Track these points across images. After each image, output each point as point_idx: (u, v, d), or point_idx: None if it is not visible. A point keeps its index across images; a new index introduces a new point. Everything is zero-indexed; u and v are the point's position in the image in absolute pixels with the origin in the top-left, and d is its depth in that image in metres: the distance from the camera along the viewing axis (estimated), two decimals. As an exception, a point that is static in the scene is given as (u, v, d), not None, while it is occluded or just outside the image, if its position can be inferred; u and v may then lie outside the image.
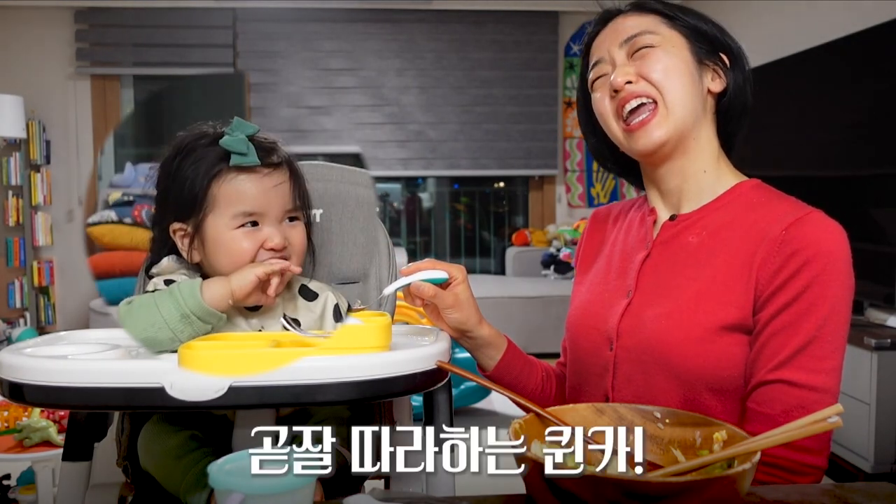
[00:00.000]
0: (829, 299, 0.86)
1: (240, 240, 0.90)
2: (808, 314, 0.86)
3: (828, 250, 0.87)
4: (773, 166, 3.23)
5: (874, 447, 2.35)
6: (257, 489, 0.60)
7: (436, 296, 0.97)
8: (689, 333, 0.91)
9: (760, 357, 0.88)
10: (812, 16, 3.28)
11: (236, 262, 0.89)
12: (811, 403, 0.85)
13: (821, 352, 0.86)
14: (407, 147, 4.87)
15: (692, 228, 0.98)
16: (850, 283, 0.88)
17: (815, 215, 0.90)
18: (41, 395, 0.74)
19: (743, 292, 0.89)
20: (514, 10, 4.80)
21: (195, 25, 4.65)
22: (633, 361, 0.96)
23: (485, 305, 1.06)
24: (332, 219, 1.09)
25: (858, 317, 2.67)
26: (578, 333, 1.06)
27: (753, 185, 1.00)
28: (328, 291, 1.01)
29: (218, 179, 0.90)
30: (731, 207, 0.97)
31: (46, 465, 1.95)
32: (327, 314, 0.98)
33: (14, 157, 4.38)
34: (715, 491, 0.61)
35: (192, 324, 0.83)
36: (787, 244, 0.88)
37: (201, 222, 0.91)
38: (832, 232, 0.89)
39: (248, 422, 0.97)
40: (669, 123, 0.94)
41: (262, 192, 0.90)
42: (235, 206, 0.90)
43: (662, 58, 0.94)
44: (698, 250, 0.95)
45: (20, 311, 4.48)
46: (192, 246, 0.93)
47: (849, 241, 0.89)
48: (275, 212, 0.91)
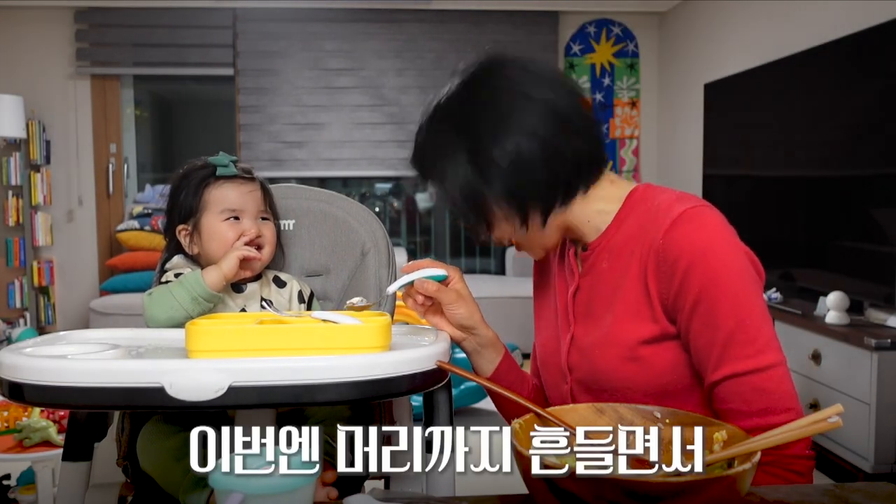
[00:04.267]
0: (725, 289, 0.88)
1: (226, 230, 1.17)
2: (716, 311, 0.88)
3: (702, 248, 0.89)
4: (773, 166, 3.23)
5: (874, 447, 2.35)
6: (257, 489, 0.60)
7: (439, 290, 0.98)
8: (618, 355, 0.95)
9: (700, 362, 0.91)
10: (812, 16, 3.28)
11: (224, 246, 1.16)
12: (763, 382, 0.88)
13: (745, 336, 0.88)
14: (407, 147, 4.79)
15: (602, 255, 1.00)
16: (736, 264, 0.90)
17: (684, 215, 0.91)
18: (41, 395, 0.74)
19: (650, 305, 0.93)
20: (514, 10, 4.80)
21: (195, 25, 4.65)
22: (585, 391, 1.00)
23: (485, 305, 1.07)
24: (301, 227, 1.33)
25: (858, 317, 2.67)
26: (543, 369, 1.11)
27: (643, 189, 1.00)
28: (294, 280, 1.26)
29: (208, 187, 1.19)
30: (626, 224, 0.98)
31: (46, 465, 1.95)
32: (293, 297, 1.23)
33: (14, 157, 4.38)
34: (715, 491, 0.61)
35: (199, 304, 1.08)
36: (667, 253, 0.91)
37: (198, 220, 1.19)
38: (701, 227, 0.90)
39: (248, 422, 0.97)
40: (542, 252, 1.04)
41: (240, 195, 1.19)
42: (221, 204, 1.18)
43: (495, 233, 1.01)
44: (610, 275, 0.98)
45: (20, 311, 4.48)
46: (192, 241, 1.20)
47: (723, 225, 0.91)
48: (251, 210, 1.19)
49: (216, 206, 1.17)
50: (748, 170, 3.48)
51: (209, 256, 1.18)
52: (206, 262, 1.18)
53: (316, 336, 0.79)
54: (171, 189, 1.23)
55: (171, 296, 1.08)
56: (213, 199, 1.18)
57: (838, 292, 2.62)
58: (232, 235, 1.16)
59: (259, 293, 1.20)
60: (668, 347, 0.93)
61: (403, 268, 1.02)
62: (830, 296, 2.63)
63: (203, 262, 1.20)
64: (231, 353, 0.77)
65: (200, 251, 1.19)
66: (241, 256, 1.13)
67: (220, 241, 1.16)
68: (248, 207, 1.18)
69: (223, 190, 1.18)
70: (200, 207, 1.18)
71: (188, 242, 1.20)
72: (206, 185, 1.18)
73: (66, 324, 4.63)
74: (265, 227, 1.20)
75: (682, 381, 0.94)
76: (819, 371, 2.63)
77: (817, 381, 2.64)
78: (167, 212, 1.23)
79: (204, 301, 1.09)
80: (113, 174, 4.69)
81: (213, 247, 1.17)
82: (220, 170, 1.19)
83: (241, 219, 1.18)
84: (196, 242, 1.19)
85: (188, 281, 1.09)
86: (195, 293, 1.08)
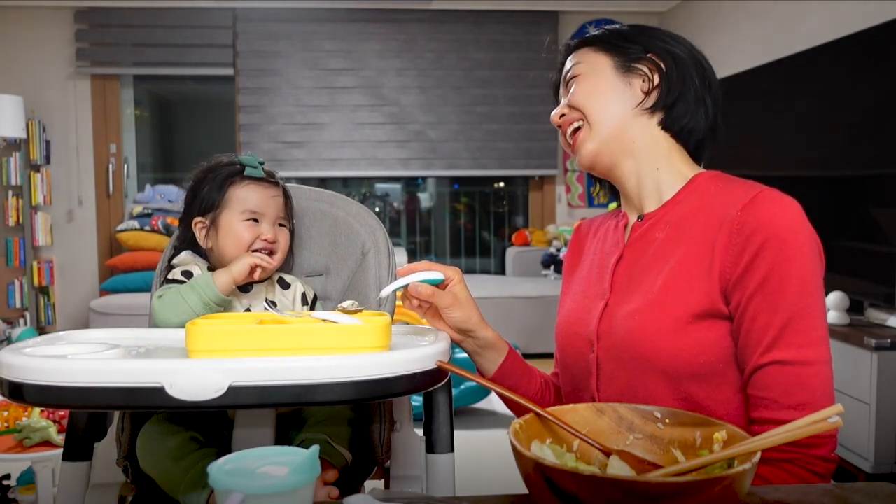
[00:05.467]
0: (797, 273, 0.88)
1: (244, 230, 1.17)
2: (782, 292, 0.88)
3: (782, 226, 0.89)
4: (773, 166, 3.23)
5: (874, 447, 2.35)
6: (257, 489, 0.60)
7: (434, 295, 0.97)
8: (661, 325, 0.93)
9: (749, 343, 0.90)
10: (811, 16, 3.28)
11: (239, 246, 1.17)
12: (808, 377, 0.87)
13: (804, 325, 0.88)
14: (407, 147, 4.87)
15: (658, 225, 1.01)
16: (812, 253, 0.90)
17: (767, 193, 0.92)
18: (41, 395, 0.74)
19: (707, 278, 0.92)
20: (514, 10, 4.80)
21: (195, 25, 4.66)
22: (613, 360, 0.98)
23: (485, 305, 1.06)
24: (301, 227, 1.33)
25: (858, 317, 2.67)
26: (564, 341, 1.09)
27: (711, 175, 1.03)
28: (298, 282, 1.26)
29: (233, 185, 1.19)
30: (691, 199, 1.00)
31: (46, 465, 1.95)
32: (297, 299, 1.23)
33: (14, 157, 4.38)
34: (715, 491, 0.61)
35: (211, 309, 1.10)
36: (744, 226, 0.90)
37: (218, 216, 1.19)
38: (785, 207, 0.90)
39: (248, 422, 0.97)
40: (595, 136, 1.03)
41: (263, 199, 1.19)
42: (243, 205, 1.18)
43: (583, 83, 1.05)
44: (664, 245, 0.98)
45: (20, 311, 4.48)
46: (207, 235, 1.20)
47: (804, 213, 0.91)
48: (271, 214, 1.19)
49: (238, 205, 1.18)
50: (748, 169, 3.47)
51: (222, 253, 1.18)
52: (218, 258, 1.19)
53: (316, 336, 0.79)
54: (193, 181, 1.23)
55: (182, 300, 1.09)
56: (236, 198, 1.18)
57: (838, 292, 2.62)
58: (248, 237, 1.17)
59: (264, 294, 1.20)
60: (714, 327, 0.91)
61: (399, 271, 1.02)
62: (830, 296, 2.64)
63: (215, 258, 1.21)
64: (231, 353, 0.77)
65: (214, 246, 1.20)
66: (253, 264, 1.14)
67: (235, 241, 1.17)
68: (268, 211, 1.19)
69: (247, 190, 1.19)
70: (222, 204, 1.18)
71: (203, 236, 1.20)
72: (232, 183, 1.19)
73: (66, 324, 4.63)
74: (281, 233, 1.21)
75: (716, 366, 0.92)
76: (819, 371, 2.62)
77: (817, 381, 2.63)
78: (187, 202, 1.23)
79: (215, 306, 1.10)
80: (113, 174, 4.70)
81: (227, 244, 1.17)
82: (248, 170, 1.20)
83: (259, 222, 1.18)
84: (211, 237, 1.20)
85: (199, 286, 1.10)
86: (207, 298, 1.09)
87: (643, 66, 1.03)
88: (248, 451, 0.66)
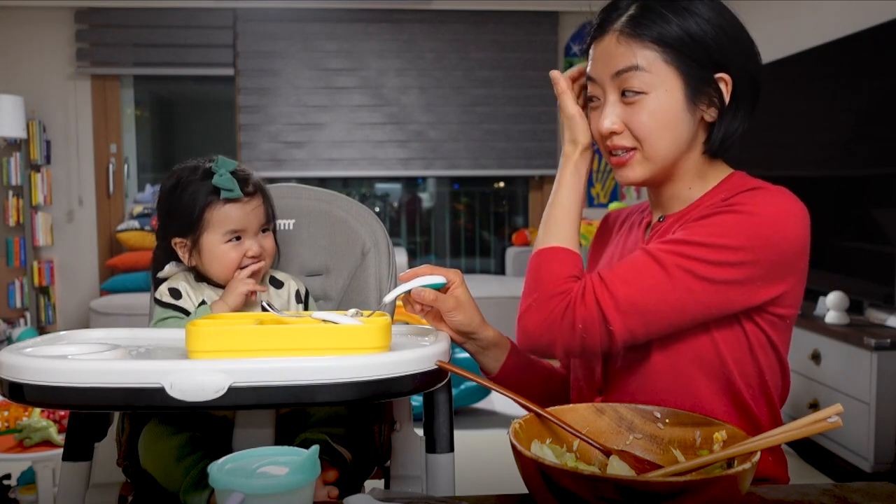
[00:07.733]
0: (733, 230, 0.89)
1: (228, 251, 1.16)
2: (698, 225, 0.91)
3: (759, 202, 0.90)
4: (773, 166, 3.23)
5: (874, 447, 2.35)
6: (257, 489, 0.60)
7: (436, 300, 0.98)
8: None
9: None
10: (811, 17, 3.28)
11: (226, 268, 1.17)
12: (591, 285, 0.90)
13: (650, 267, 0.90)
14: (407, 147, 4.87)
15: (675, 225, 1.01)
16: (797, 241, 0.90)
17: (766, 186, 0.92)
18: (41, 395, 0.74)
19: None
20: (514, 10, 4.80)
21: (195, 25, 4.65)
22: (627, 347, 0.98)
23: (485, 305, 1.06)
24: (301, 227, 1.33)
25: (858, 317, 2.67)
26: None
27: (738, 175, 1.02)
28: (290, 280, 1.26)
29: (211, 208, 1.16)
30: (711, 199, 1.00)
31: (46, 465, 1.95)
32: (291, 297, 1.24)
33: (14, 157, 4.38)
34: (715, 491, 0.61)
35: None
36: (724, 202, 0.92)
37: (198, 238, 1.16)
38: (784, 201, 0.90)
39: (248, 422, 0.97)
40: (648, 168, 0.97)
41: (243, 215, 1.17)
42: (224, 226, 1.16)
43: (650, 105, 0.93)
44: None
45: (20, 311, 4.48)
46: (190, 255, 1.19)
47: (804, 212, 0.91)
48: (253, 228, 1.18)
49: (219, 227, 1.16)
50: (748, 169, 3.47)
51: (208, 272, 1.18)
52: (204, 274, 1.20)
53: (316, 336, 0.79)
54: (162, 193, 1.19)
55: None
56: (216, 220, 1.15)
57: (838, 292, 2.62)
58: (235, 257, 1.16)
59: (259, 295, 1.20)
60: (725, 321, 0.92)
61: (401, 276, 1.02)
62: (830, 296, 2.64)
63: (200, 273, 1.21)
64: (231, 354, 0.77)
65: (199, 265, 1.19)
66: (246, 293, 1.15)
67: (222, 263, 1.16)
68: (250, 226, 1.17)
69: (227, 211, 1.16)
70: (202, 226, 1.16)
71: (187, 256, 1.19)
72: (209, 205, 1.15)
73: (66, 324, 4.63)
74: (266, 239, 1.20)
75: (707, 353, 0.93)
76: (819, 371, 2.63)
77: (817, 381, 2.64)
78: (160, 216, 1.21)
79: None
80: (113, 174, 4.69)
81: (215, 267, 1.17)
82: (224, 193, 1.15)
83: (243, 238, 1.17)
84: (195, 257, 1.19)
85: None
86: None
87: (712, 90, 0.95)
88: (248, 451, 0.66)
